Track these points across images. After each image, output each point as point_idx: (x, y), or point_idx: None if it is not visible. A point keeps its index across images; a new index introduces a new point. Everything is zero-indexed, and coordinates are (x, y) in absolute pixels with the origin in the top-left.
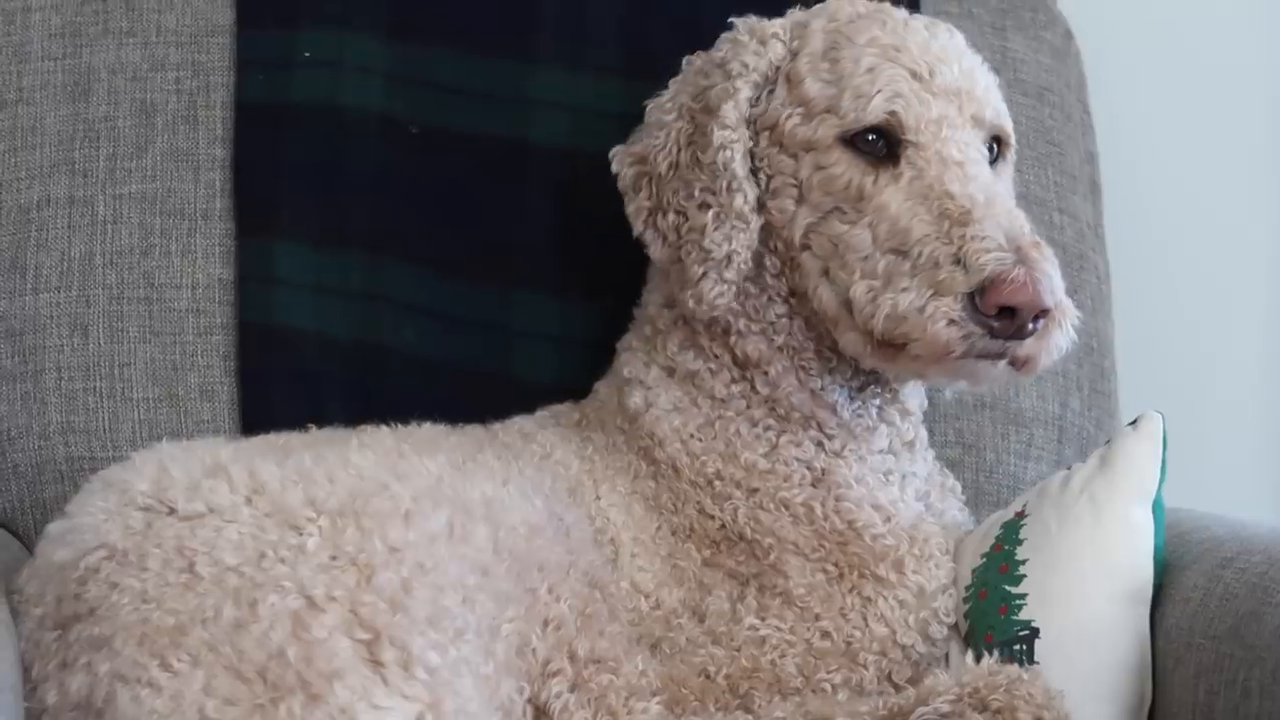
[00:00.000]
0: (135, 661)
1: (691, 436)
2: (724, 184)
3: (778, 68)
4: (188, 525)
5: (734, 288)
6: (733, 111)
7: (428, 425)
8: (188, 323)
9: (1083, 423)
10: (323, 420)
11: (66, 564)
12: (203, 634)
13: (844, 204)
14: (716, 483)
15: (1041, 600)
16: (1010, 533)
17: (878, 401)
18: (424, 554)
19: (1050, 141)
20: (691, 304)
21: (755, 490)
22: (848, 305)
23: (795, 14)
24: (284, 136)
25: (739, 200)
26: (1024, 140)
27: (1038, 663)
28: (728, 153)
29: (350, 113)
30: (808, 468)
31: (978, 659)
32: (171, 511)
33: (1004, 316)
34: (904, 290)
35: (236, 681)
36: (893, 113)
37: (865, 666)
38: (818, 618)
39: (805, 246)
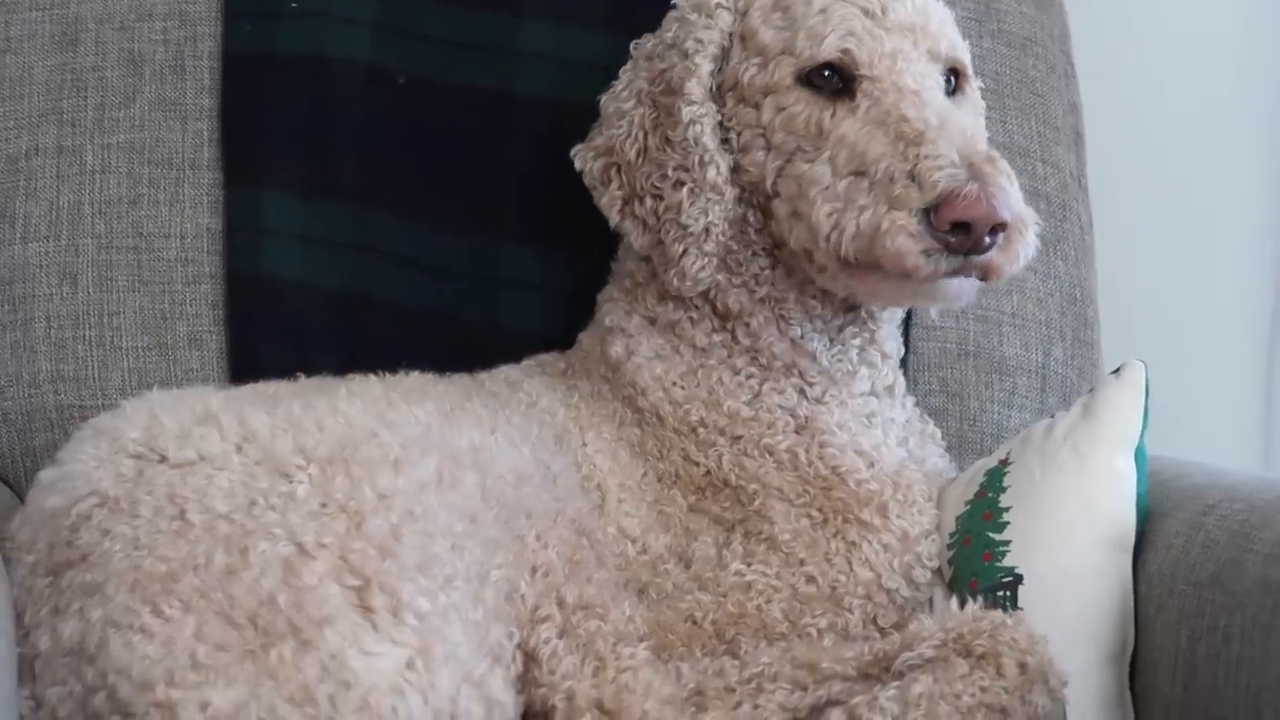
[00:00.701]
0: (127, 607)
1: (674, 384)
2: (696, 158)
3: (730, 34)
4: (179, 473)
5: (715, 260)
6: (697, 87)
7: (415, 374)
8: (176, 272)
9: (1066, 371)
10: (310, 369)
11: (58, 511)
12: (194, 580)
13: (805, 143)
14: (700, 430)
15: (1025, 547)
16: (994, 480)
17: (857, 342)
18: (413, 501)
19: (1034, 92)
20: (676, 282)
21: (739, 437)
22: (816, 236)
23: None
24: (271, 86)
25: (712, 172)
26: (1007, 90)
27: (1021, 609)
28: (698, 127)
29: (337, 63)
30: (791, 415)
31: (962, 605)
32: (163, 459)
33: (959, 232)
34: (863, 208)
35: (228, 627)
36: (846, 50)
37: (850, 611)
38: (803, 563)
39: (776, 193)
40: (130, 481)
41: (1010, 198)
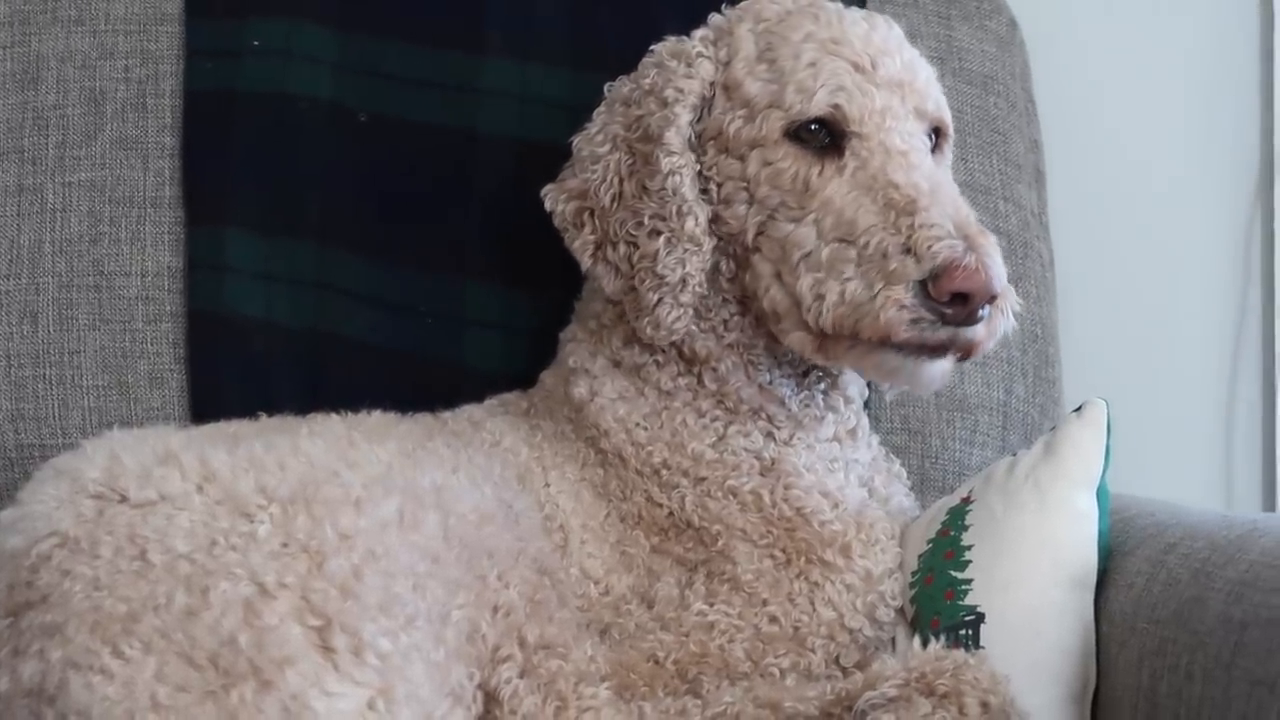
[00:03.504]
0: (87, 649)
1: (637, 425)
2: (674, 209)
3: (712, 83)
4: (139, 513)
5: (690, 311)
6: (676, 137)
7: (378, 413)
8: (137, 310)
9: (1027, 409)
10: (272, 408)
11: (18, 551)
12: (155, 621)
13: (790, 199)
14: (664, 471)
15: (987, 585)
16: (956, 518)
17: (821, 388)
18: (375, 541)
19: (995, 130)
20: (650, 330)
21: (703, 479)
22: (797, 304)
23: (716, 19)
24: (233, 124)
25: (690, 223)
26: (969, 129)
27: (983, 647)
28: (677, 178)
29: (299, 101)
30: (756, 457)
31: (925, 644)
32: (123, 499)
33: (956, 303)
34: (848, 279)
35: (188, 668)
36: (837, 105)
37: (813, 651)
38: (765, 603)
39: (757, 249)
40: (91, 522)
41: (1001, 271)
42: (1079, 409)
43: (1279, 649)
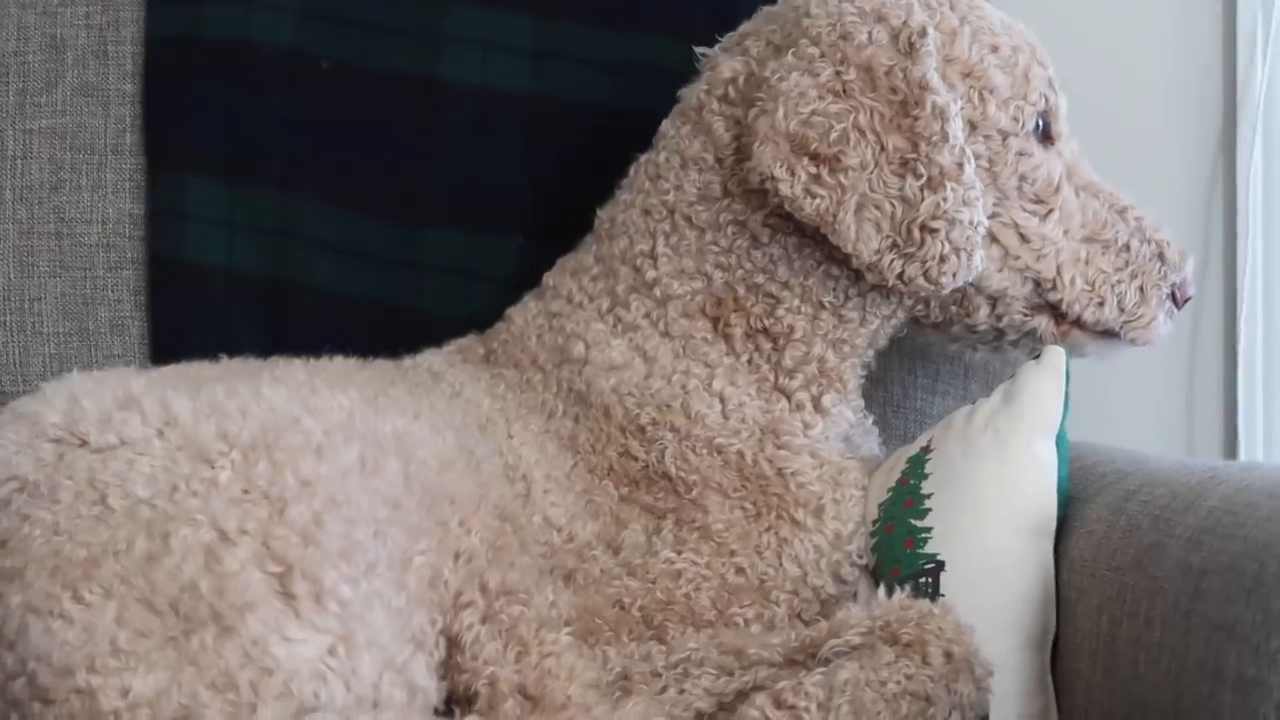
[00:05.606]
0: (47, 593)
1: (629, 394)
2: (952, 157)
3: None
4: (99, 457)
5: (982, 251)
6: (939, 82)
7: (339, 359)
8: (98, 257)
9: (988, 357)
10: (234, 355)
11: None
12: (115, 566)
13: (1041, 192)
14: (649, 428)
15: (946, 534)
16: (916, 467)
17: (870, 362)
18: (336, 488)
19: None
20: (947, 279)
21: (692, 435)
22: (1036, 287)
23: None
24: (195, 71)
25: (969, 169)
26: None
27: (943, 595)
28: (956, 124)
29: (261, 48)
30: (760, 427)
31: (890, 593)
32: (83, 444)
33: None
34: (1119, 283)
35: (149, 614)
36: (1055, 102)
37: (777, 604)
38: (733, 554)
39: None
40: (50, 466)
41: None
42: (1038, 357)
43: (1237, 595)
